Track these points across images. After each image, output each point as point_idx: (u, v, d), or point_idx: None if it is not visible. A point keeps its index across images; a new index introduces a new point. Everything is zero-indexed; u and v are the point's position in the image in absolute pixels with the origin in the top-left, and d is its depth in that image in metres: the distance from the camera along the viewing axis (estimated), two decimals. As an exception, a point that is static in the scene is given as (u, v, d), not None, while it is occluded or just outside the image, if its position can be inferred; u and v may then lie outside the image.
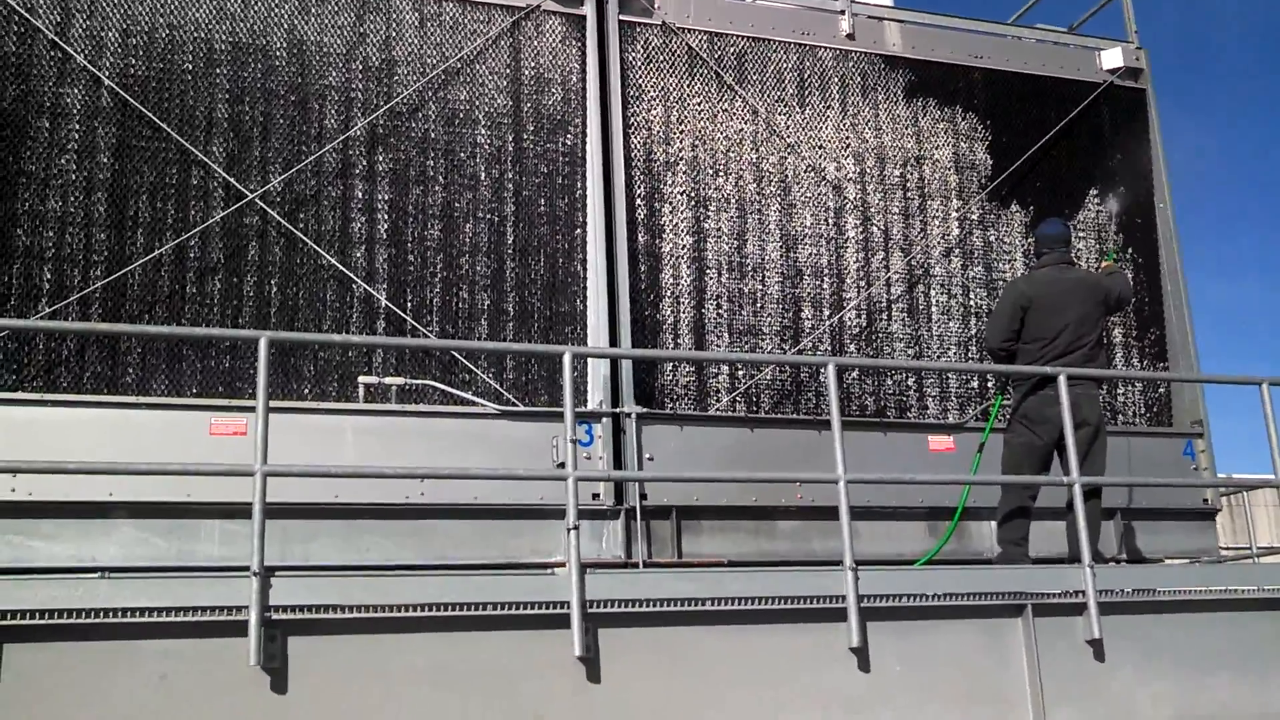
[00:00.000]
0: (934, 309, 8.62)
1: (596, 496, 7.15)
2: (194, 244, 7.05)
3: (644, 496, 7.25)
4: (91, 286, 6.81)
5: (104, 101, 7.08)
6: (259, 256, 7.17)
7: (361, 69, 7.61)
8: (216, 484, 6.31)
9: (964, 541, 7.90)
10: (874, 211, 8.59)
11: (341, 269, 7.24)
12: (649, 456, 7.36)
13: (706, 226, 8.14)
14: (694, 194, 8.16)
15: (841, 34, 8.83)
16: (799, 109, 8.59)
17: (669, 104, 8.25)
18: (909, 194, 8.75)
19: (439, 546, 6.85)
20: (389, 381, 7.14)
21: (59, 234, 6.85)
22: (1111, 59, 9.47)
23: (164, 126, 7.10)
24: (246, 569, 5.01)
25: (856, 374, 8.22)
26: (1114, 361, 8.89)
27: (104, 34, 7.16)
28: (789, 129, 8.51)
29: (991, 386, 8.48)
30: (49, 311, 6.70)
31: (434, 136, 7.68)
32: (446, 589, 5.36)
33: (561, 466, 6.38)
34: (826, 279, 8.37)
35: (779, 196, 8.38)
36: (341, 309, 7.27)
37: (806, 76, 8.67)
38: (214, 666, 4.92)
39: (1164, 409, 9.00)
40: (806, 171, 8.48)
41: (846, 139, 8.65)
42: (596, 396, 7.46)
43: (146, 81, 7.18)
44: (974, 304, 8.72)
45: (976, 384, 8.54)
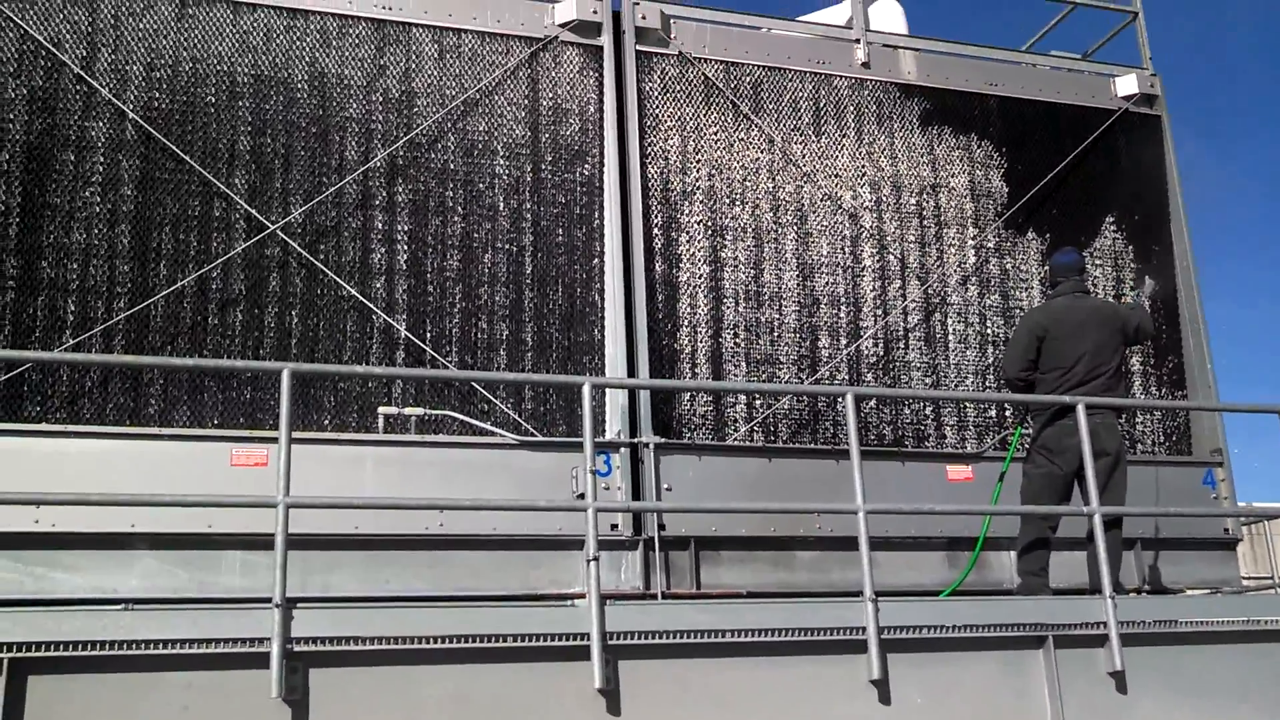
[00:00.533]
0: (951, 337, 8.62)
1: (615, 527, 7.15)
2: (216, 275, 7.11)
3: (662, 527, 7.24)
4: (115, 318, 6.87)
5: (128, 134, 7.16)
6: (280, 288, 7.23)
7: (382, 101, 7.68)
8: (237, 515, 6.30)
9: (984, 572, 7.87)
10: (890, 240, 8.60)
11: (362, 300, 7.29)
12: (667, 487, 7.36)
13: (723, 255, 8.17)
14: (711, 223, 8.19)
15: (857, 63, 8.88)
16: (815, 138, 8.62)
17: (685, 134, 8.30)
18: (925, 222, 8.76)
19: (458, 577, 6.86)
20: (409, 412, 7.17)
21: (83, 266, 6.92)
22: (1126, 85, 9.50)
23: (187, 159, 7.17)
24: (268, 600, 5.02)
25: (874, 403, 8.22)
26: (1132, 390, 8.87)
27: (129, 68, 7.24)
28: (805, 158, 8.54)
29: (1010, 416, 8.47)
30: (73, 343, 6.75)
31: (453, 167, 7.73)
32: (467, 620, 5.36)
33: (581, 497, 6.39)
34: (843, 307, 8.38)
35: (795, 225, 8.41)
36: (361, 340, 7.31)
37: (822, 105, 8.71)
38: (236, 698, 4.93)
39: (1183, 437, 8.97)
40: (823, 200, 8.51)
41: (862, 167, 8.68)
42: (614, 426, 7.47)
43: (170, 114, 7.26)
44: (991, 332, 8.72)
45: (994, 413, 8.52)
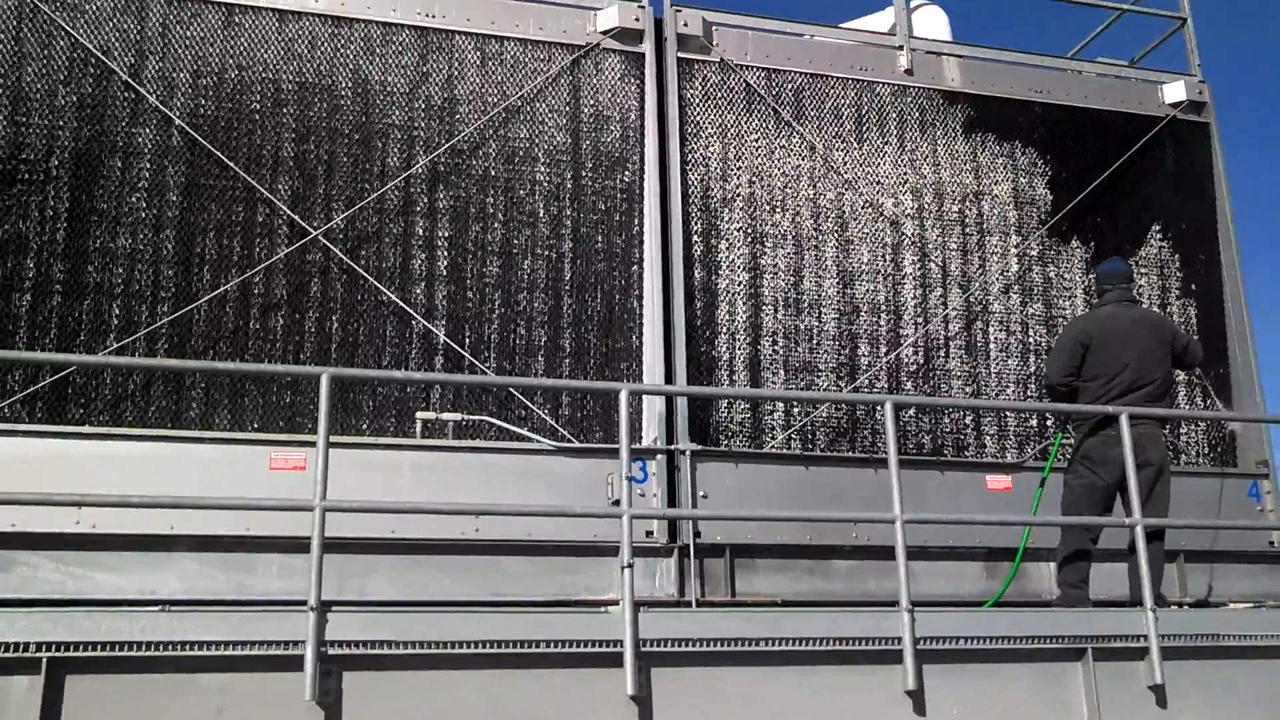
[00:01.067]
0: (993, 346, 8.54)
1: (650, 534, 7.15)
2: (258, 280, 7.19)
3: (698, 534, 7.23)
4: (158, 322, 6.96)
5: (174, 141, 7.26)
6: (321, 293, 7.30)
7: (424, 107, 7.73)
8: (275, 518, 6.38)
9: (1023, 583, 7.78)
10: (932, 247, 8.55)
11: (402, 305, 7.34)
12: (703, 494, 7.34)
13: (763, 263, 8.14)
14: (751, 230, 8.17)
15: (900, 69, 8.83)
16: (857, 145, 8.59)
17: (726, 140, 8.29)
18: (967, 230, 8.69)
19: (495, 582, 6.89)
20: (446, 417, 7.21)
21: (128, 270, 7.02)
22: (1174, 92, 9.38)
23: (231, 165, 7.26)
24: (304, 603, 5.07)
25: (913, 412, 8.16)
26: (1177, 401, 8.75)
27: (176, 75, 7.35)
28: (846, 165, 8.50)
29: (1050, 425, 8.38)
30: (116, 347, 6.86)
31: (494, 174, 7.77)
32: (500, 626, 5.36)
33: (616, 504, 6.39)
34: (884, 315, 8.33)
35: (836, 233, 8.37)
36: (401, 345, 7.36)
37: (864, 112, 8.67)
38: (269, 701, 4.97)
39: (1229, 449, 8.83)
40: (864, 207, 8.46)
41: (904, 175, 8.63)
42: (651, 433, 7.47)
43: (216, 121, 7.36)
44: (1033, 341, 8.63)
45: (1035, 423, 8.44)
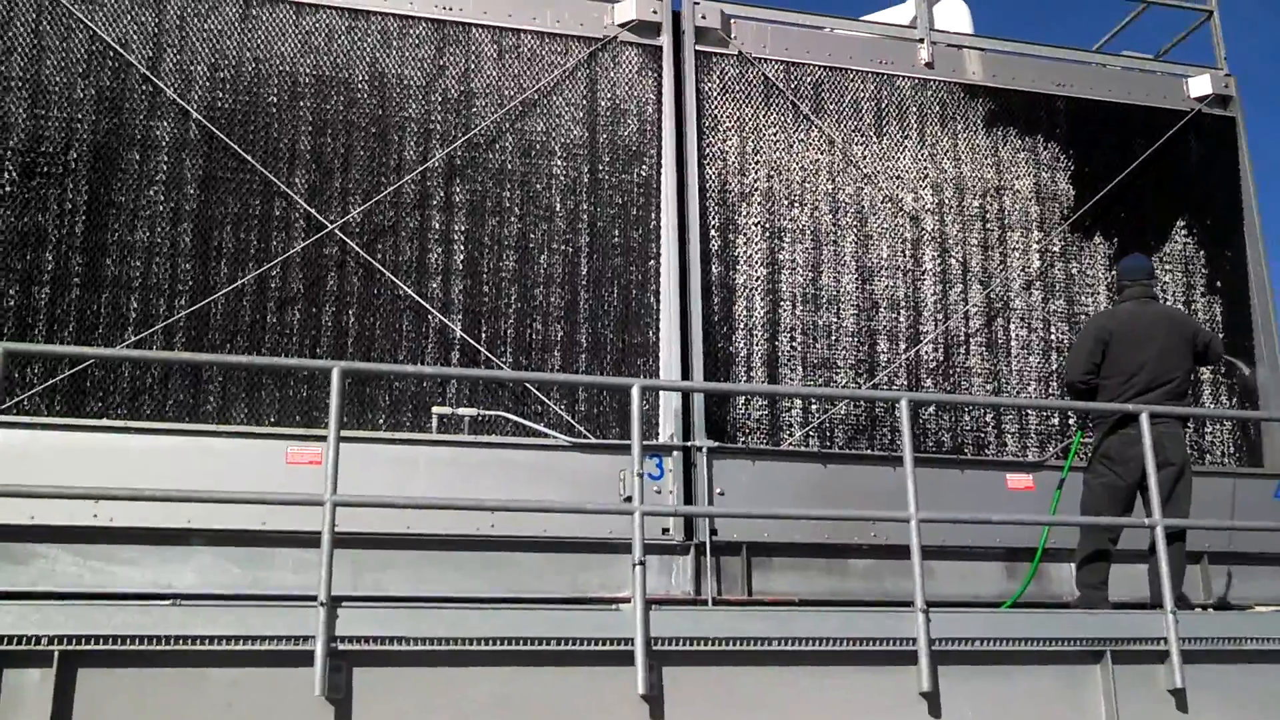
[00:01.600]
0: (1013, 343, 8.46)
1: (666, 531, 7.12)
2: (275, 274, 7.19)
3: (714, 532, 7.19)
4: (176, 316, 6.97)
5: (192, 134, 7.27)
6: (337, 287, 7.29)
7: (440, 101, 7.71)
8: (291, 513, 6.36)
9: (1041, 584, 7.69)
10: (952, 243, 8.47)
11: (418, 299, 7.33)
12: (720, 491, 7.30)
13: (781, 258, 8.09)
14: (769, 225, 8.12)
15: (920, 63, 8.75)
16: (876, 139, 8.51)
17: (744, 134, 8.23)
18: (988, 225, 8.61)
19: (510, 578, 6.87)
20: (462, 412, 7.20)
21: (146, 264, 7.04)
22: (1200, 86, 9.26)
23: (249, 158, 7.26)
24: (314, 598, 5.06)
25: (933, 409, 8.09)
26: (1200, 399, 8.64)
27: (193, 68, 7.35)
28: (866, 159, 8.43)
29: (1072, 423, 8.29)
30: (134, 340, 6.87)
31: (510, 168, 7.75)
32: (512, 622, 5.34)
33: (629, 500, 6.36)
34: (903, 312, 8.26)
35: (855, 228, 8.30)
36: (417, 339, 7.35)
37: (884, 106, 8.60)
38: (279, 696, 4.96)
39: (1254, 449, 8.72)
40: (883, 203, 8.39)
41: (925, 169, 8.55)
42: (668, 429, 7.43)
43: (233, 114, 7.36)
44: (1055, 338, 8.54)
45: (1056, 421, 8.35)
